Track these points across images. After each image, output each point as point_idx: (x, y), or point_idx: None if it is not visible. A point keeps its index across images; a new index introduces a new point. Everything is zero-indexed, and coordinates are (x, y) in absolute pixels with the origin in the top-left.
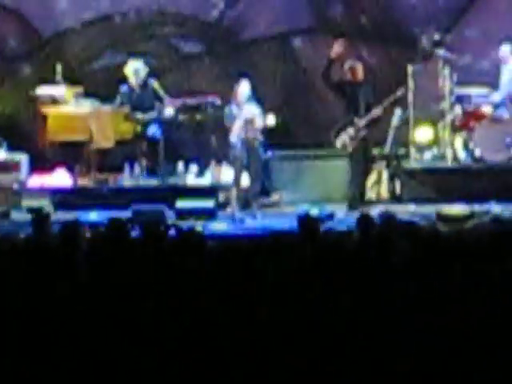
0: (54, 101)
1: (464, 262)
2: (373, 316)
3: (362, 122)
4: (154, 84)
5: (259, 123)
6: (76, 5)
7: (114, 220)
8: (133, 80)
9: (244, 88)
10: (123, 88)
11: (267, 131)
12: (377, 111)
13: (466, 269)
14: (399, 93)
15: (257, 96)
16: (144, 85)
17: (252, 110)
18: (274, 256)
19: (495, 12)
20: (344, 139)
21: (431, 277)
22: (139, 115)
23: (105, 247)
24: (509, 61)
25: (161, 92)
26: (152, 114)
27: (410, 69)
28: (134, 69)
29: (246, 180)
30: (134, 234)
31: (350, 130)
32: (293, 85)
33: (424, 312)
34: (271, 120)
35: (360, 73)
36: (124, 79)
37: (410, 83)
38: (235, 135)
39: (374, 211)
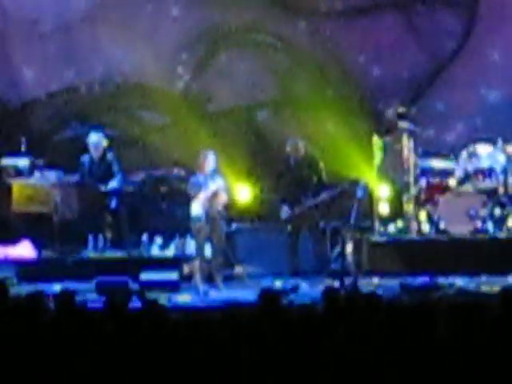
0: (19, 172)
1: (426, 333)
2: None
3: (308, 203)
4: (111, 157)
5: (223, 197)
6: (41, 76)
7: (64, 292)
8: (93, 152)
9: (210, 160)
10: (84, 158)
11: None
12: (324, 196)
13: (429, 339)
14: (346, 186)
15: (221, 169)
16: (103, 157)
17: (218, 183)
18: (234, 329)
19: (459, 85)
20: (289, 214)
21: (397, 348)
22: (103, 187)
23: (59, 321)
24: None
25: (115, 166)
26: (115, 186)
27: (375, 141)
28: (94, 141)
29: (209, 252)
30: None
31: (297, 209)
32: (257, 157)
33: None
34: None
35: (302, 149)
36: (85, 150)
37: (376, 155)
38: (199, 206)
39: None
